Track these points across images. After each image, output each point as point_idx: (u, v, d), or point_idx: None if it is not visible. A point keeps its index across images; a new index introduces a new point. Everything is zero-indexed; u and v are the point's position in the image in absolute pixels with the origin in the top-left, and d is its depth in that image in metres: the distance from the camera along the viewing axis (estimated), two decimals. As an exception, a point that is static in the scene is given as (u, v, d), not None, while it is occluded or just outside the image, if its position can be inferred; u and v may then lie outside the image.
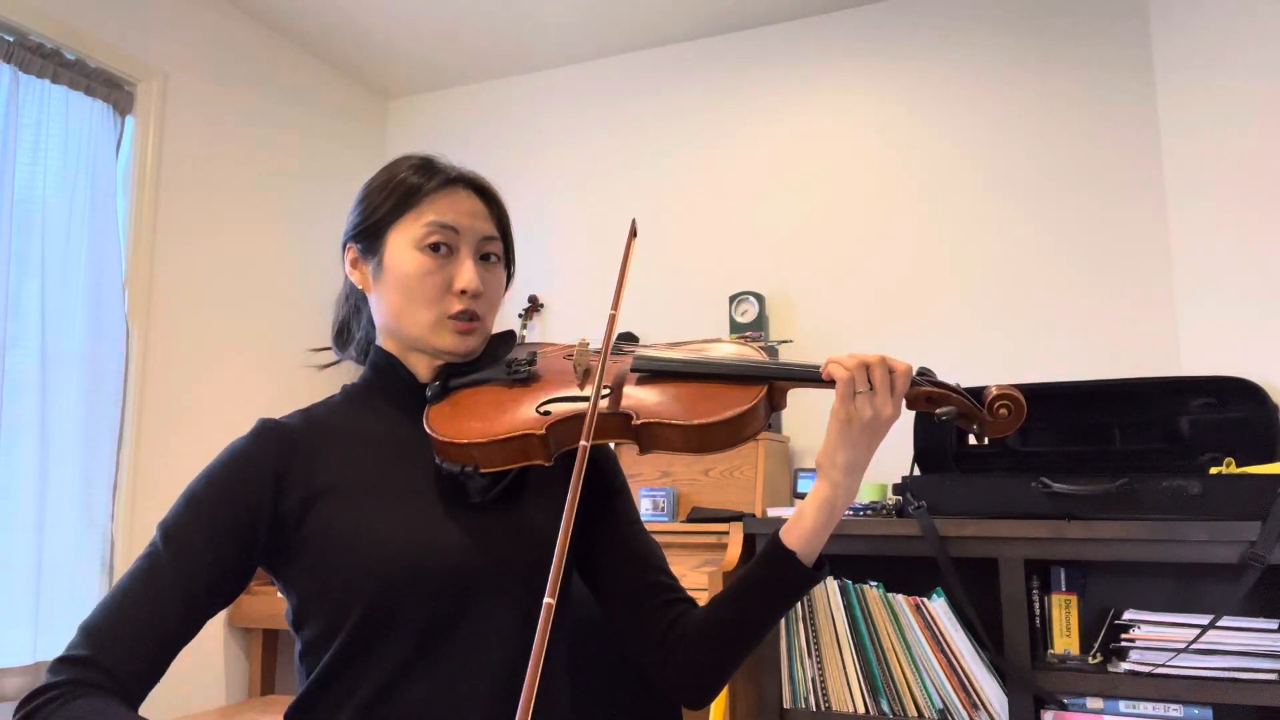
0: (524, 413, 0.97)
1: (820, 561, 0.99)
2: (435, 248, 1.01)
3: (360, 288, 1.08)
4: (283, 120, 3.19)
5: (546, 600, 0.70)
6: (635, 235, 1.05)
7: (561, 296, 3.25)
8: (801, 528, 0.97)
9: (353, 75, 3.50)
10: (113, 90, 2.59)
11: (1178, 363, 2.48)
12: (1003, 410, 0.95)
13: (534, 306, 3.23)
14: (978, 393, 0.97)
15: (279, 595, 2.75)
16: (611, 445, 1.19)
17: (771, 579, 0.98)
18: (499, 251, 1.08)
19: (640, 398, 0.97)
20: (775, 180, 3.04)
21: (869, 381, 0.93)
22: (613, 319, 0.94)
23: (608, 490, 1.11)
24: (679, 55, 3.25)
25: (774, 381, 0.97)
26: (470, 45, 3.28)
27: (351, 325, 1.15)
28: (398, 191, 1.04)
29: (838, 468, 0.95)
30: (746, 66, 3.14)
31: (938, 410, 0.96)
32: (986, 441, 0.98)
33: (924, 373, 0.98)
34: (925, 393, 0.96)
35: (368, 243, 1.06)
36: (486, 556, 0.96)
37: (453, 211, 1.03)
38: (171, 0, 2.81)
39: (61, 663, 0.86)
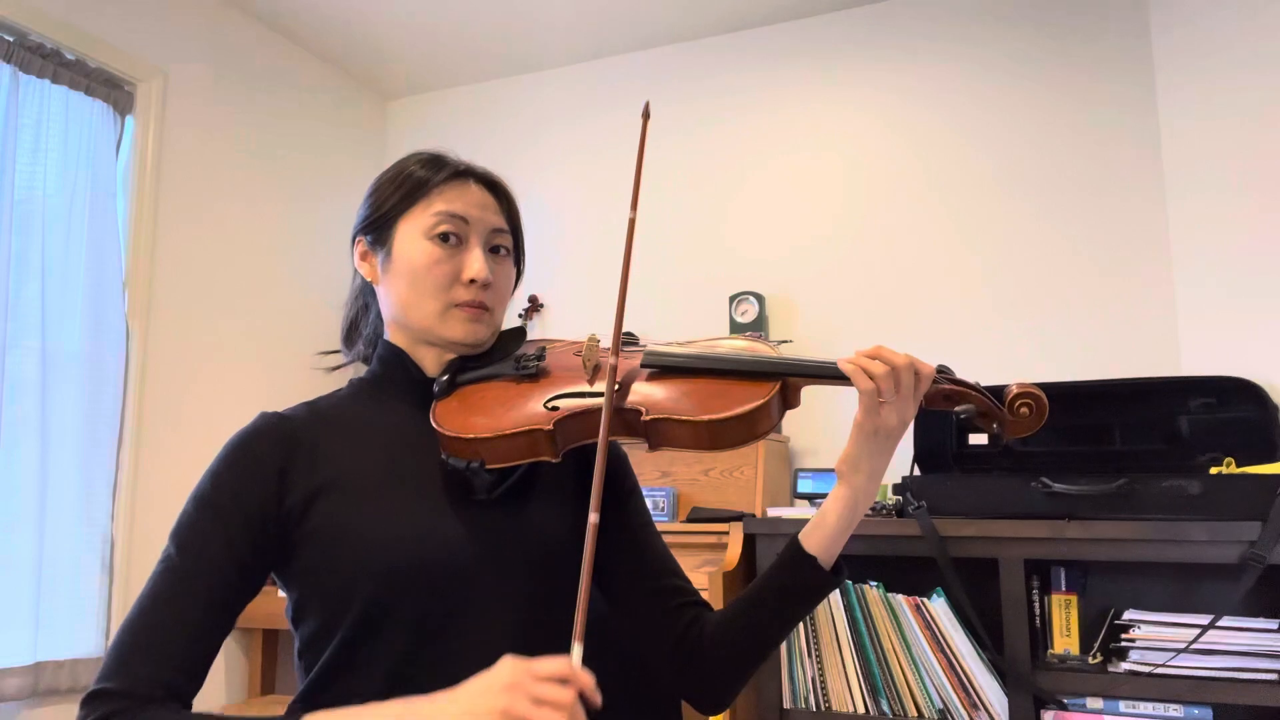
0: (531, 408, 0.96)
1: (838, 565, 0.98)
2: (445, 238, 1.01)
3: (369, 280, 1.08)
4: (283, 120, 3.19)
5: (575, 646, 0.71)
6: (649, 117, 1.01)
7: (562, 297, 3.25)
8: (824, 532, 0.96)
9: (353, 75, 3.50)
10: (113, 90, 2.59)
11: (1178, 363, 2.48)
12: (1024, 409, 0.92)
13: (534, 306, 3.24)
14: (998, 391, 0.94)
15: (279, 595, 2.73)
16: (623, 446, 1.17)
17: (793, 584, 0.97)
18: (509, 245, 1.07)
19: (649, 393, 0.95)
20: (775, 180, 3.04)
21: (895, 389, 0.90)
22: (632, 222, 0.92)
23: (619, 492, 1.09)
24: (678, 55, 3.25)
25: (787, 378, 0.95)
26: (470, 45, 3.28)
27: (360, 323, 1.14)
28: (407, 184, 1.03)
29: (861, 473, 0.94)
30: (745, 66, 3.14)
31: (957, 408, 0.93)
32: (1005, 441, 0.95)
33: (943, 370, 0.95)
34: (944, 391, 0.93)
35: (377, 234, 1.05)
36: (488, 554, 0.95)
37: (462, 202, 1.03)
38: (171, 0, 2.81)
39: (94, 698, 0.86)
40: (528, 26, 3.15)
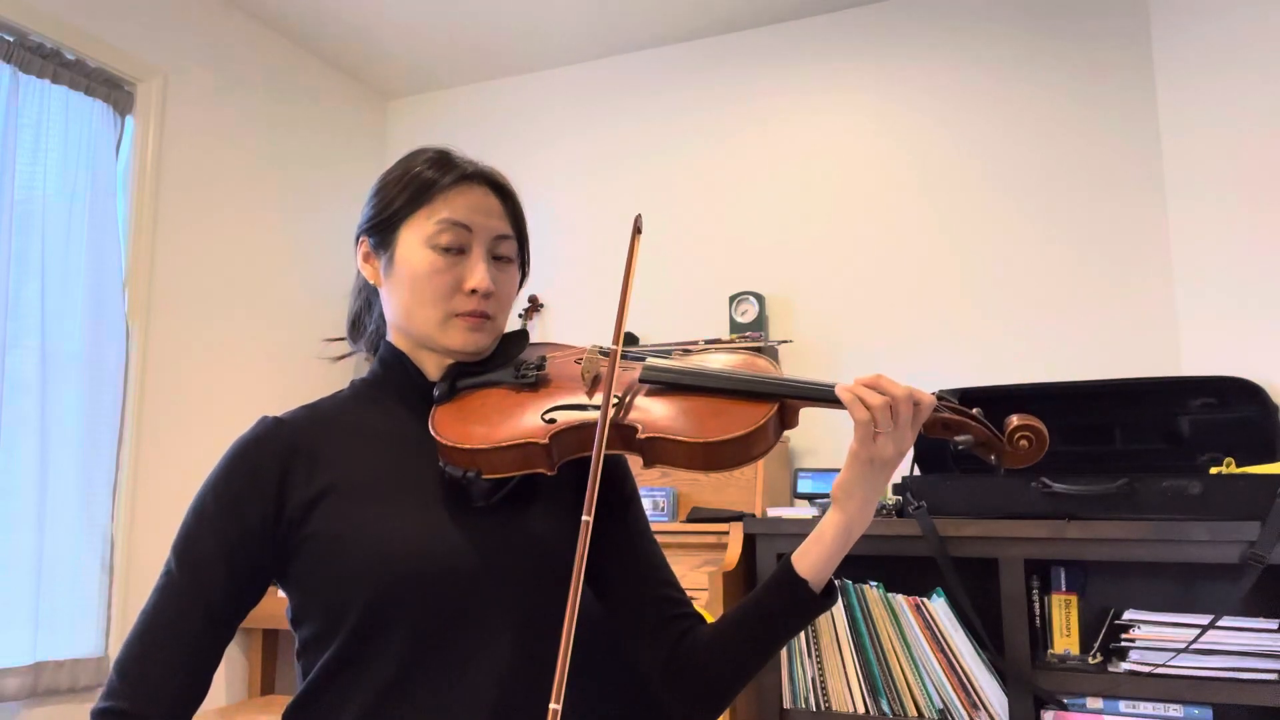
0: (529, 420, 0.95)
1: (829, 588, 0.97)
2: (447, 246, 1.00)
3: (371, 282, 1.07)
4: (283, 120, 3.19)
5: (553, 707, 0.71)
6: (640, 232, 0.99)
7: (562, 297, 3.25)
8: (818, 554, 0.95)
9: (353, 75, 3.50)
10: (113, 90, 2.59)
11: (1178, 363, 2.48)
12: (1023, 441, 0.91)
13: (534, 307, 3.23)
14: (998, 420, 0.93)
15: (279, 594, 2.75)
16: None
17: (783, 605, 0.96)
18: (512, 251, 1.06)
19: (647, 410, 0.95)
20: (775, 180, 3.04)
21: (892, 420, 0.88)
22: (620, 323, 0.91)
23: (618, 498, 1.08)
24: (679, 55, 3.25)
25: (785, 400, 0.94)
26: (470, 45, 3.28)
27: (364, 318, 1.14)
28: (412, 186, 1.02)
29: (855, 500, 0.93)
30: (745, 67, 3.14)
31: (956, 438, 0.92)
32: (1003, 471, 0.95)
33: (943, 397, 0.93)
34: (943, 419, 0.92)
35: (380, 237, 1.04)
36: (485, 563, 0.95)
37: (466, 209, 1.01)
38: (171, 0, 2.81)
39: (101, 716, 0.88)
40: (528, 26, 3.15)
